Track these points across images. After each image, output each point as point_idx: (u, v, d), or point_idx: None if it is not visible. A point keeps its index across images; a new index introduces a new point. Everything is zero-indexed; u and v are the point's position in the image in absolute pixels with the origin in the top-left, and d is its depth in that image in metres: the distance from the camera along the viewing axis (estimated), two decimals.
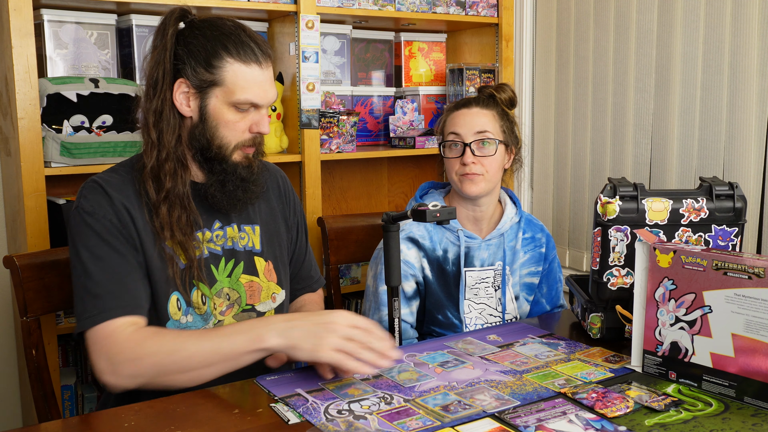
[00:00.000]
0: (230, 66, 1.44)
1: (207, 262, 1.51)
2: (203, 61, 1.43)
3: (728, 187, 1.62)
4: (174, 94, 1.45)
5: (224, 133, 1.47)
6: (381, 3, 2.54)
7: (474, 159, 1.85)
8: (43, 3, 2.11)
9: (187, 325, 1.48)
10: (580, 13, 2.67)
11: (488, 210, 1.94)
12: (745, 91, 2.16)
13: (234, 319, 1.54)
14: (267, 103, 1.50)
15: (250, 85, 1.45)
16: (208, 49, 1.43)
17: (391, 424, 1.22)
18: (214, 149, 1.47)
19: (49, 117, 2.03)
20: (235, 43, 1.44)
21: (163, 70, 1.44)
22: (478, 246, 1.91)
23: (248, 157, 1.52)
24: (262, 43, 1.48)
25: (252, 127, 1.49)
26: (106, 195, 1.44)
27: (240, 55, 1.44)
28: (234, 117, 1.46)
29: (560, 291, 2.06)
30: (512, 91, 1.95)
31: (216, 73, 1.43)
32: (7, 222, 2.25)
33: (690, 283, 1.38)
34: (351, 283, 2.70)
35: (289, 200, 1.72)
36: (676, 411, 1.28)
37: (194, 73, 1.43)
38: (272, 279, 1.61)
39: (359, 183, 2.97)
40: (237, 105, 1.45)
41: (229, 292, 1.54)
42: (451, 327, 1.89)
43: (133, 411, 1.29)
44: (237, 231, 1.57)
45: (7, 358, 2.32)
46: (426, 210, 1.57)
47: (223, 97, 1.45)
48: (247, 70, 1.45)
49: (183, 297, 1.47)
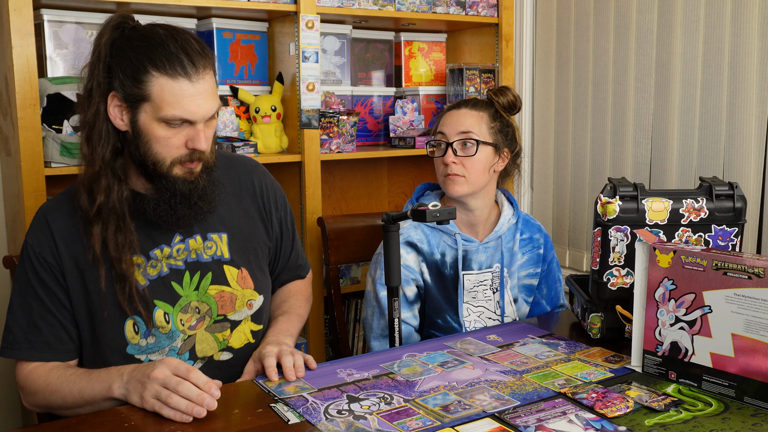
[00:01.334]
0: (156, 80, 1.34)
1: (167, 279, 1.48)
2: (130, 75, 1.35)
3: (728, 187, 1.62)
4: (108, 107, 1.38)
5: (157, 149, 1.39)
6: (381, 3, 2.54)
7: (455, 159, 1.84)
8: (43, 3, 2.10)
9: (148, 347, 1.46)
10: (580, 13, 2.67)
11: (482, 214, 1.93)
12: (745, 91, 2.16)
13: (207, 331, 1.52)
14: (201, 118, 1.39)
15: (178, 100, 1.35)
16: (135, 63, 1.35)
17: (391, 424, 1.22)
18: (149, 165, 1.40)
19: (49, 117, 2.03)
20: (160, 56, 1.34)
21: (96, 82, 1.38)
22: (476, 249, 1.91)
23: (192, 172, 1.43)
24: (194, 54, 1.37)
25: (188, 143, 1.39)
26: (48, 230, 1.44)
27: (166, 68, 1.34)
28: (165, 133, 1.37)
29: (560, 291, 2.06)
30: (513, 96, 1.92)
31: (143, 88, 1.35)
32: (7, 222, 2.25)
33: (690, 283, 1.38)
34: (351, 283, 2.70)
35: (267, 196, 1.65)
36: (676, 411, 1.28)
37: (122, 87, 1.36)
38: (248, 286, 1.57)
39: (359, 183, 2.97)
40: (167, 121, 1.36)
41: (198, 305, 1.50)
42: (450, 331, 1.89)
43: (133, 411, 1.29)
44: (201, 241, 1.52)
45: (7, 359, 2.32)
46: (426, 210, 1.57)
47: (152, 112, 1.36)
48: (175, 84, 1.34)
49: (142, 319, 1.45)
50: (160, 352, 1.47)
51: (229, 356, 1.55)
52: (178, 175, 1.42)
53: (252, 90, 2.49)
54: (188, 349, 1.50)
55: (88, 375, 1.40)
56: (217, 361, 1.53)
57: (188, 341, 1.50)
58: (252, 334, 1.58)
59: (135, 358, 1.46)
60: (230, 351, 1.55)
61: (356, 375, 1.43)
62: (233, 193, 1.59)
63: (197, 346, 1.51)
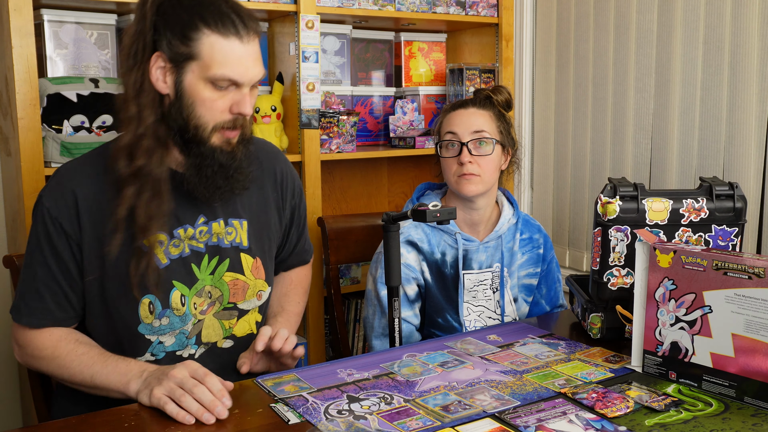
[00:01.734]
0: (207, 38, 1.32)
1: (188, 261, 1.46)
2: (179, 33, 1.32)
3: (728, 187, 1.62)
4: (150, 69, 1.34)
5: (201, 112, 1.35)
6: (381, 3, 2.54)
7: (471, 158, 1.85)
8: (43, 3, 2.10)
9: (161, 328, 1.45)
10: (580, 13, 2.67)
11: (485, 213, 1.93)
12: (745, 91, 2.16)
13: (215, 317, 1.51)
14: (249, 81, 1.37)
15: (228, 59, 1.33)
16: (185, 20, 1.32)
17: (391, 424, 1.22)
18: (191, 130, 1.36)
19: (49, 117, 2.03)
20: (213, 14, 1.33)
21: (143, 42, 1.34)
22: (476, 248, 1.91)
23: (230, 142, 1.40)
24: (245, 16, 1.36)
25: (233, 108, 1.37)
26: (72, 196, 1.40)
27: (218, 26, 1.32)
28: (211, 95, 1.35)
29: (559, 291, 2.06)
30: (508, 93, 1.95)
31: (192, 46, 1.32)
32: (7, 222, 2.25)
33: (690, 283, 1.38)
34: (351, 283, 2.70)
35: (286, 186, 1.64)
36: (676, 411, 1.28)
37: (170, 45, 1.33)
38: (260, 276, 1.57)
39: (359, 183, 2.96)
40: (214, 81, 1.34)
41: (211, 290, 1.49)
42: (450, 330, 1.89)
43: (133, 411, 1.29)
44: (223, 226, 1.50)
45: (7, 359, 2.32)
46: (426, 210, 1.57)
47: (199, 72, 1.33)
48: (225, 43, 1.33)
49: (158, 299, 1.44)
50: (170, 334, 1.47)
51: (231, 344, 1.56)
52: (216, 144, 1.39)
53: None
54: (195, 334, 1.50)
55: (104, 361, 1.38)
56: (219, 348, 1.54)
57: (197, 326, 1.49)
58: (256, 325, 1.60)
59: (145, 338, 1.45)
60: (232, 339, 1.56)
61: (356, 375, 1.43)
62: (255, 180, 1.55)
63: (203, 332, 1.51)
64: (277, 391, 1.36)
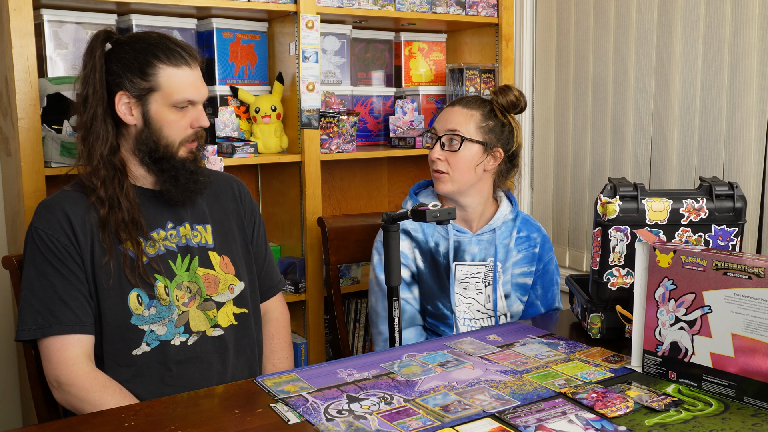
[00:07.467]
0: (163, 71, 1.57)
1: (165, 258, 1.62)
2: (138, 72, 1.56)
3: (728, 187, 1.62)
4: (116, 107, 1.57)
5: (168, 132, 1.60)
6: (381, 3, 2.54)
7: (440, 155, 1.90)
8: (43, 3, 2.10)
9: (151, 317, 1.58)
10: (580, 13, 2.67)
11: (475, 211, 1.96)
12: (745, 91, 2.16)
13: (198, 309, 1.64)
14: (201, 99, 1.63)
15: (183, 84, 1.59)
16: (141, 60, 1.57)
17: (391, 424, 1.22)
18: (161, 149, 1.59)
19: (49, 117, 2.03)
20: (163, 50, 1.58)
21: (93, 88, 1.57)
22: (469, 241, 1.92)
23: (192, 152, 1.65)
24: (187, 47, 1.62)
25: (193, 123, 1.63)
26: (57, 213, 1.55)
27: (170, 59, 1.58)
28: (175, 117, 1.60)
29: (556, 294, 2.05)
30: (516, 95, 1.92)
31: (151, 80, 1.57)
32: (7, 222, 2.25)
33: (690, 283, 1.38)
34: (351, 283, 2.69)
35: (244, 202, 1.82)
36: (676, 411, 1.28)
37: (131, 83, 1.57)
38: (229, 271, 1.71)
39: (359, 183, 2.96)
40: (176, 105, 1.59)
41: (189, 285, 1.64)
42: (442, 318, 1.91)
43: (133, 411, 1.29)
44: (189, 229, 1.67)
45: (7, 358, 2.32)
46: (426, 210, 1.58)
47: (162, 100, 1.58)
48: (179, 72, 1.58)
49: (144, 291, 1.57)
50: (161, 323, 1.59)
51: (221, 332, 1.67)
52: (183, 156, 1.63)
53: (252, 90, 2.49)
54: (183, 324, 1.62)
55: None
56: (210, 336, 1.65)
57: (183, 316, 1.62)
58: (234, 316, 1.70)
59: (138, 329, 1.56)
60: (220, 328, 1.67)
61: (356, 375, 1.43)
62: (213, 195, 1.75)
63: (191, 322, 1.63)
64: (277, 391, 1.36)
